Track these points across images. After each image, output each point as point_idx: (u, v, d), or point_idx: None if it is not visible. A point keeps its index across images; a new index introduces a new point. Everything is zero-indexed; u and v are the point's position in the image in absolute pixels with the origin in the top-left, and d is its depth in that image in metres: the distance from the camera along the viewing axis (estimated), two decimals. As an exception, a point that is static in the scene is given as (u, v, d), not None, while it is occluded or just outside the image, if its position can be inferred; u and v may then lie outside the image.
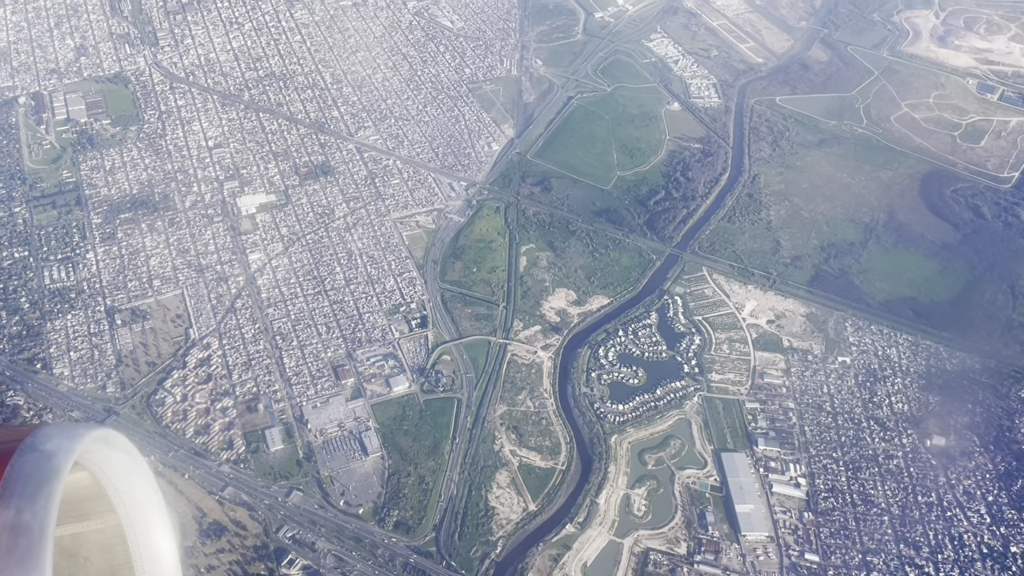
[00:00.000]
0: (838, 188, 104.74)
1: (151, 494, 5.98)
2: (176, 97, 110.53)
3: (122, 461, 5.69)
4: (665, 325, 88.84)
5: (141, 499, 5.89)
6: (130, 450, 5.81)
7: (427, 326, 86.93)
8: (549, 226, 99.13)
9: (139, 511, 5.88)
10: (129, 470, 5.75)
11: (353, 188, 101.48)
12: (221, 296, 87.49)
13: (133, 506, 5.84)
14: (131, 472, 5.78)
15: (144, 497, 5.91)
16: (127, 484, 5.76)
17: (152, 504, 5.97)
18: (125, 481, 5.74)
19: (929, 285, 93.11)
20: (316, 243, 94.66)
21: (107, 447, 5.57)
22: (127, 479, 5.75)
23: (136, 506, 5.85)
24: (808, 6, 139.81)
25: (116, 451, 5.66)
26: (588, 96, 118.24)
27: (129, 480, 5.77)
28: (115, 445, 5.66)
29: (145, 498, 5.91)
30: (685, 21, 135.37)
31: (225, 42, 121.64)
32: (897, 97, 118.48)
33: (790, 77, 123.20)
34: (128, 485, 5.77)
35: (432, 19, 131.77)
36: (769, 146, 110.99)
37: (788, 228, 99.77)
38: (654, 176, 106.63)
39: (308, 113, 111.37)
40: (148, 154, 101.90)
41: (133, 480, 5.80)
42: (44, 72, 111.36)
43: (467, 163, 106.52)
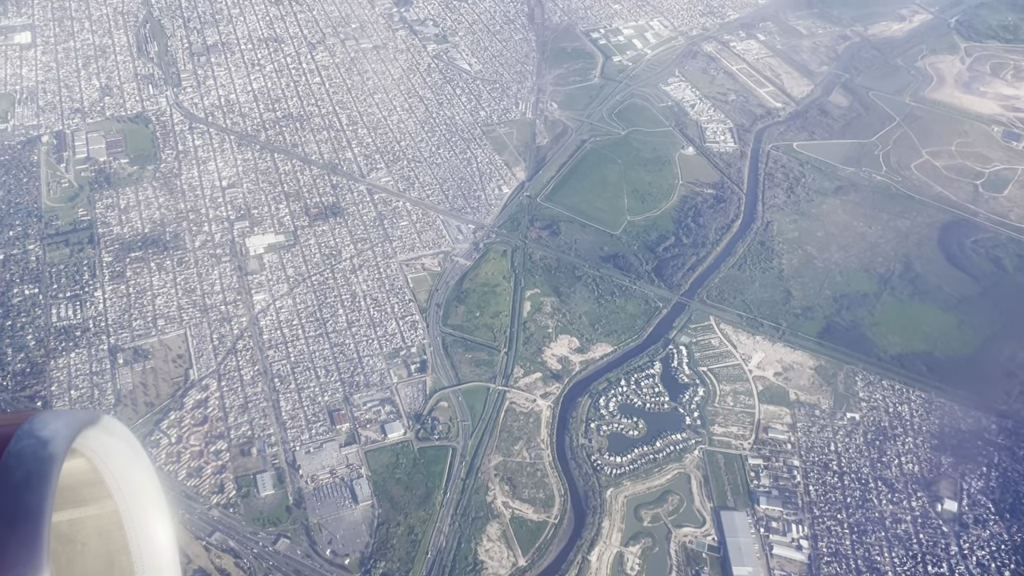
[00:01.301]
0: (853, 237, 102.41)
1: (148, 481, 6.00)
2: (194, 137, 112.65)
3: (119, 447, 5.69)
4: (669, 375, 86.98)
5: (138, 485, 5.91)
6: (127, 437, 5.80)
7: (426, 371, 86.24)
8: (555, 271, 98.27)
9: (136, 497, 5.90)
10: (126, 456, 5.75)
11: (362, 229, 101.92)
12: (223, 337, 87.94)
13: (130, 492, 5.86)
14: (128, 458, 5.78)
15: (141, 483, 5.92)
16: (124, 470, 5.77)
17: (149, 491, 5.99)
18: (122, 467, 5.75)
19: (945, 339, 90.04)
20: (321, 284, 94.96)
21: (104, 433, 5.51)
22: (124, 465, 5.76)
23: (133, 492, 5.87)
24: (830, 51, 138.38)
25: (113, 438, 5.63)
26: (602, 140, 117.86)
27: (126, 466, 5.77)
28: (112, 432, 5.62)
29: (142, 484, 5.93)
30: (704, 65, 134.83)
31: (246, 83, 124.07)
32: (918, 144, 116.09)
33: (808, 122, 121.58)
34: (125, 471, 5.78)
35: (450, 62, 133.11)
36: (784, 192, 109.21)
37: (800, 278, 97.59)
38: (664, 222, 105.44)
39: (322, 154, 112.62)
40: (162, 193, 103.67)
41: (130, 466, 5.81)
42: (69, 111, 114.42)
43: (476, 206, 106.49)
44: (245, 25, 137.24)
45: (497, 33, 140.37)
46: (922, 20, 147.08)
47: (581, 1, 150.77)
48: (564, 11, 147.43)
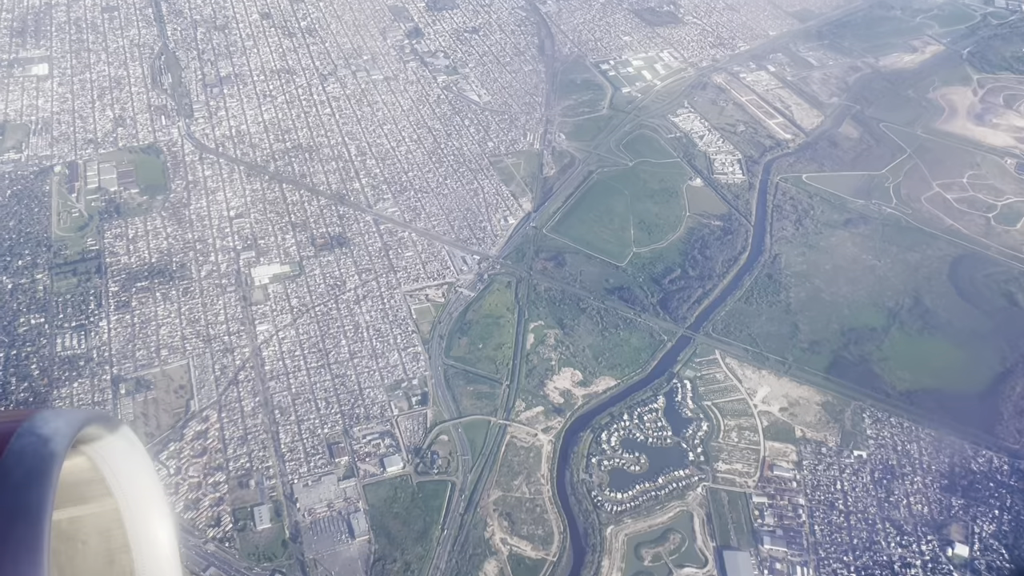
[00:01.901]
0: (862, 270, 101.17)
1: (148, 479, 6.05)
2: (204, 167, 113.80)
3: (120, 446, 5.75)
4: (672, 410, 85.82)
5: (139, 483, 5.95)
6: (128, 435, 5.86)
7: (427, 404, 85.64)
8: (560, 303, 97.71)
9: (137, 495, 5.94)
10: (127, 455, 5.81)
11: (367, 260, 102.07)
12: (225, 367, 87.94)
13: (131, 490, 5.89)
14: (129, 457, 5.84)
15: (142, 482, 5.97)
16: (125, 468, 5.82)
17: (150, 489, 6.04)
18: (123, 465, 5.80)
19: (955, 376, 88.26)
20: (325, 315, 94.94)
21: (105, 431, 5.59)
22: (125, 464, 5.81)
23: (134, 490, 5.91)
24: (841, 82, 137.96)
25: (114, 436, 5.69)
26: (609, 171, 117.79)
27: (127, 465, 5.83)
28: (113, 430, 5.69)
29: (143, 483, 5.98)
30: (713, 96, 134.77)
31: (257, 114, 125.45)
32: (929, 176, 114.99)
33: (818, 154, 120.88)
34: (126, 469, 5.83)
35: (460, 93, 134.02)
36: (792, 225, 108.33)
37: (807, 311, 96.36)
38: (671, 253, 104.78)
39: (330, 184, 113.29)
40: (171, 223, 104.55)
41: (131, 465, 5.86)
42: (82, 142, 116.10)
43: (482, 236, 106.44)
44: (258, 57, 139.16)
45: (507, 65, 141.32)
46: (934, 51, 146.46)
47: (591, 33, 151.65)
48: (574, 43, 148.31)
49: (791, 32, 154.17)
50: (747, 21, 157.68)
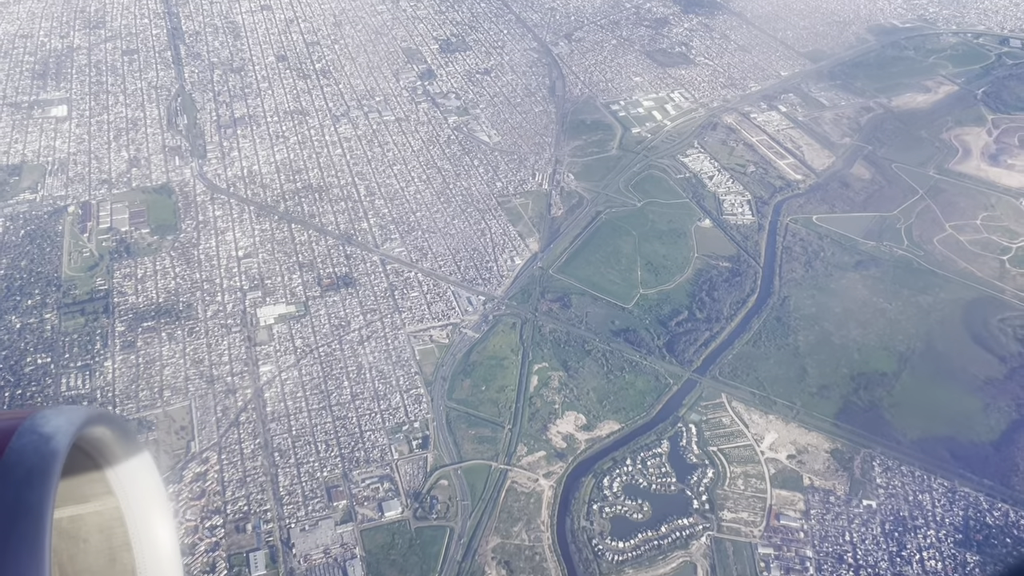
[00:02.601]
0: (873, 313, 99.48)
1: (149, 477, 6.03)
2: (215, 207, 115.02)
3: (121, 444, 5.72)
4: (677, 455, 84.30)
5: (139, 482, 5.94)
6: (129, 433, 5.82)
7: (428, 447, 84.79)
8: (565, 344, 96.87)
9: (138, 494, 5.93)
10: (128, 453, 5.80)
11: (372, 300, 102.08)
12: (227, 409, 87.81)
13: (132, 488, 5.89)
14: (130, 455, 5.83)
15: (142, 480, 5.96)
16: (126, 467, 5.82)
17: (151, 487, 6.03)
18: (124, 464, 5.80)
19: (969, 424, 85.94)
20: (328, 356, 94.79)
21: (106, 429, 5.55)
22: (126, 462, 5.81)
23: (135, 489, 5.91)
24: (853, 123, 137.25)
25: (115, 434, 5.66)
26: (617, 211, 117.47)
27: (128, 463, 5.82)
28: (114, 428, 5.65)
29: (143, 481, 5.96)
30: (724, 137, 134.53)
31: (270, 155, 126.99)
32: (942, 218, 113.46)
33: (829, 195, 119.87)
34: (127, 468, 5.83)
35: (470, 133, 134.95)
36: (802, 266, 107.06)
37: (816, 355, 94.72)
38: (678, 295, 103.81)
39: (338, 224, 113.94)
40: (179, 263, 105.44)
41: (131, 463, 5.86)
42: (96, 182, 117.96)
43: (488, 277, 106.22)
44: (273, 98, 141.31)
45: (518, 105, 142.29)
46: (948, 91, 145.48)
47: (603, 74, 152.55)
48: (585, 84, 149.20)
49: (803, 72, 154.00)
50: (759, 62, 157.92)
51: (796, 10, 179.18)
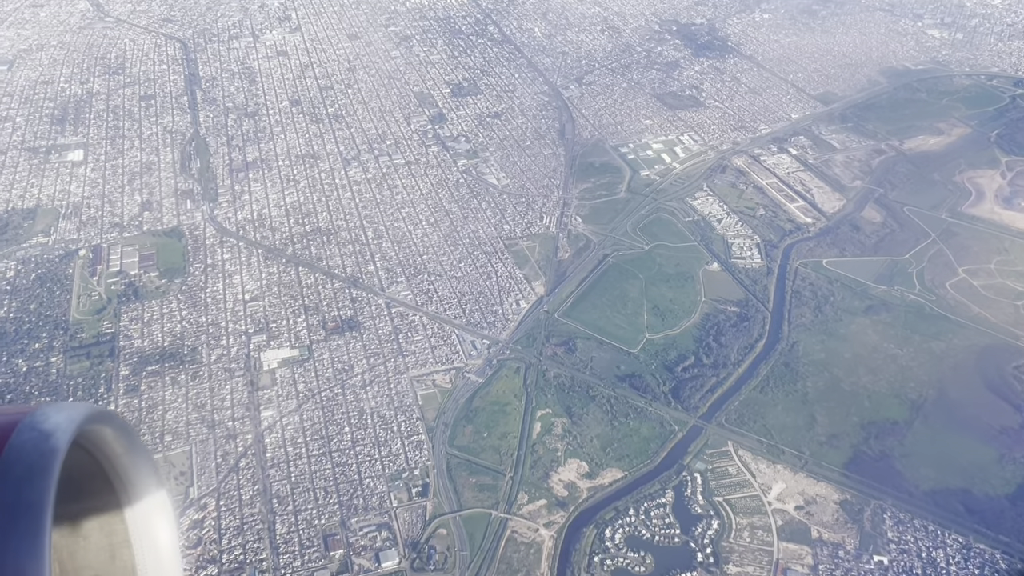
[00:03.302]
0: (884, 359, 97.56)
1: (149, 474, 6.04)
2: (223, 251, 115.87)
3: (120, 440, 5.72)
4: (681, 505, 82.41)
5: (139, 478, 5.94)
6: (128, 430, 5.84)
7: (428, 495, 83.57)
8: (569, 390, 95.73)
9: (137, 490, 5.94)
10: (127, 449, 5.80)
11: (376, 344, 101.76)
12: (227, 454, 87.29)
13: (131, 485, 5.90)
14: (129, 451, 5.82)
15: (142, 477, 5.96)
16: (125, 463, 5.82)
17: (150, 484, 6.03)
18: (123, 460, 5.80)
19: (984, 476, 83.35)
20: (330, 400, 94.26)
21: (105, 426, 5.55)
22: (125, 458, 5.80)
23: (134, 485, 5.92)
24: (864, 165, 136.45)
25: (114, 430, 5.66)
26: (624, 254, 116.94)
27: (127, 459, 5.82)
28: (113, 424, 5.65)
29: (143, 478, 5.97)
30: (733, 179, 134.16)
31: (280, 198, 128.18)
32: (955, 262, 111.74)
33: (839, 238, 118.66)
34: (126, 464, 5.83)
35: (479, 176, 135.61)
36: (811, 311, 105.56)
37: (826, 402, 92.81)
38: (685, 340, 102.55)
39: (345, 268, 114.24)
40: (186, 306, 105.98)
41: (131, 459, 5.86)
42: (108, 225, 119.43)
43: (493, 320, 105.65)
44: (285, 142, 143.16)
45: (527, 148, 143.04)
46: (960, 134, 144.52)
47: (612, 117, 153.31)
48: (595, 126, 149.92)
49: (814, 115, 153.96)
50: (769, 104, 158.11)
51: (807, 53, 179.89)
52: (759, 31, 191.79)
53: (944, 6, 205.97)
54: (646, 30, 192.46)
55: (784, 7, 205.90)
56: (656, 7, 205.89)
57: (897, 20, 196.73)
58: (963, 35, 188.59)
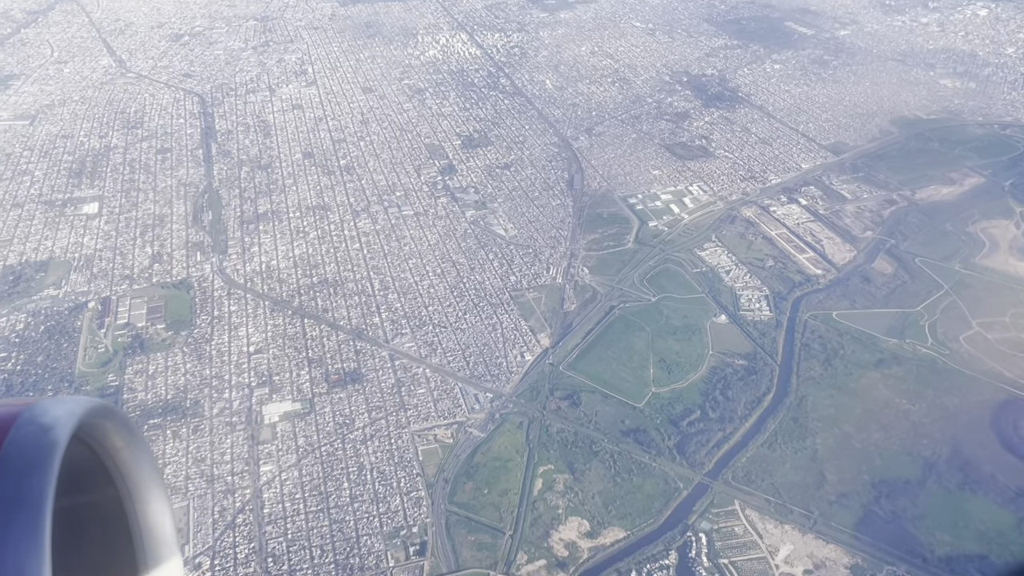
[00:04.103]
0: (895, 415, 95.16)
1: (148, 468, 6.00)
2: (230, 303, 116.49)
3: (120, 435, 5.67)
4: (685, 567, 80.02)
5: (139, 473, 5.90)
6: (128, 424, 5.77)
7: (425, 554, 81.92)
8: (572, 445, 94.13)
9: (137, 484, 5.90)
10: (127, 444, 5.75)
11: (378, 397, 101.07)
12: (224, 510, 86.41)
13: (131, 479, 5.86)
14: (129, 446, 5.77)
15: (142, 471, 5.92)
16: (125, 457, 5.77)
17: (150, 478, 6.00)
18: (123, 454, 5.76)
19: (1002, 540, 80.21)
20: (330, 455, 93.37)
21: (105, 420, 5.49)
22: (125, 452, 5.76)
23: (134, 479, 5.87)
24: (875, 216, 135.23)
25: (114, 424, 5.60)
26: (631, 306, 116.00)
27: (127, 454, 5.78)
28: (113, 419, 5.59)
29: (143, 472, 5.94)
30: (742, 230, 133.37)
31: (289, 250, 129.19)
32: (968, 314, 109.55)
33: (850, 290, 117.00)
34: (126, 458, 5.78)
35: (487, 227, 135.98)
36: (821, 365, 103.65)
37: (835, 459, 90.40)
38: (691, 394, 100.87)
39: (350, 319, 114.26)
40: (191, 359, 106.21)
41: (131, 454, 5.81)
42: (119, 278, 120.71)
43: (497, 373, 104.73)
44: (296, 194, 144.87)
45: (535, 199, 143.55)
46: (973, 183, 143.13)
47: (621, 167, 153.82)
48: (604, 177, 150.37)
49: (824, 165, 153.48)
50: (779, 154, 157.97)
51: (818, 103, 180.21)
52: (770, 81, 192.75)
53: (957, 56, 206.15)
54: (657, 81, 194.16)
55: (795, 58, 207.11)
56: (667, 59, 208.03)
57: (909, 70, 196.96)
58: (976, 84, 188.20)
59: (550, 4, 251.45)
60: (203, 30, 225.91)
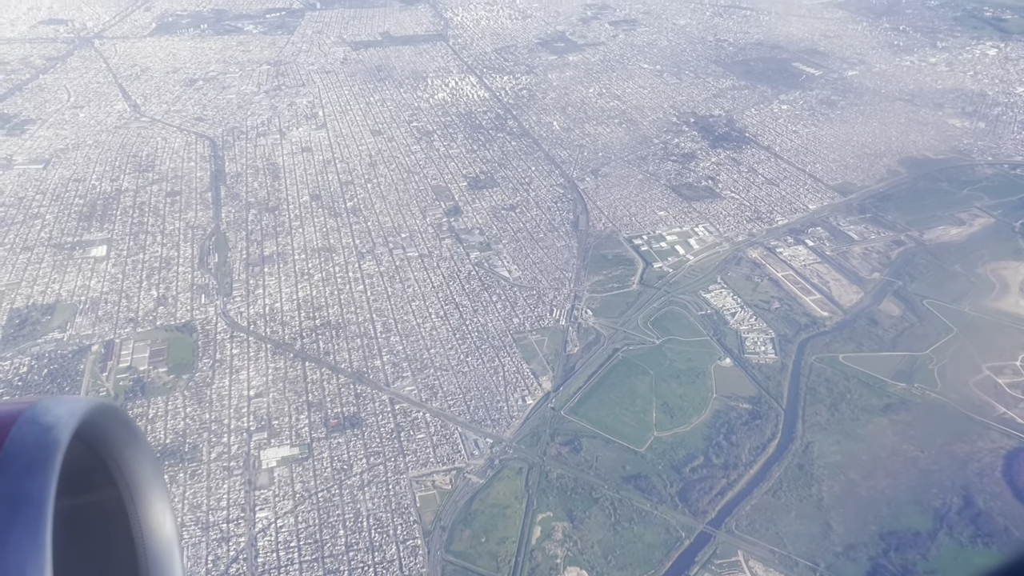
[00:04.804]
0: (904, 463, 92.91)
1: (150, 468, 6.00)
2: (233, 346, 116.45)
3: (121, 434, 5.68)
4: (687, 622, 77.83)
5: (140, 472, 5.90)
6: (129, 424, 5.78)
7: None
8: (572, 492, 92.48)
9: (138, 484, 5.90)
10: (128, 443, 5.76)
11: (377, 442, 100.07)
12: (219, 559, 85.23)
13: (132, 479, 5.85)
14: (130, 445, 5.78)
15: (143, 470, 5.93)
16: (126, 457, 5.78)
17: (151, 478, 6.00)
18: (124, 454, 5.76)
19: (1014, 593, 77.42)
20: (327, 501, 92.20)
21: (107, 420, 5.46)
22: (126, 452, 5.76)
23: (135, 479, 5.87)
24: (883, 257, 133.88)
25: (115, 424, 5.60)
26: (635, 349, 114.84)
27: (128, 453, 5.78)
28: (114, 418, 5.57)
29: (144, 471, 5.94)
30: (748, 272, 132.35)
31: (293, 292, 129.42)
32: (978, 358, 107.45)
33: (856, 333, 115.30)
34: (127, 458, 5.78)
35: (491, 269, 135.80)
36: (827, 409, 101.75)
37: (842, 508, 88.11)
38: (694, 439, 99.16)
39: (352, 362, 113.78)
40: (191, 403, 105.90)
41: (132, 453, 5.82)
42: (123, 321, 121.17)
43: (497, 418, 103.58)
44: (303, 236, 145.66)
45: (540, 240, 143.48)
46: (983, 224, 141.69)
47: (627, 208, 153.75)
48: (609, 218, 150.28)
49: (832, 205, 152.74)
50: (787, 195, 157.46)
51: (826, 143, 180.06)
52: (777, 122, 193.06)
53: (966, 95, 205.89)
54: (664, 122, 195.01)
55: (803, 98, 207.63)
56: (675, 100, 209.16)
57: (918, 110, 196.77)
58: (985, 124, 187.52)
59: (559, 47, 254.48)
60: (217, 75, 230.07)
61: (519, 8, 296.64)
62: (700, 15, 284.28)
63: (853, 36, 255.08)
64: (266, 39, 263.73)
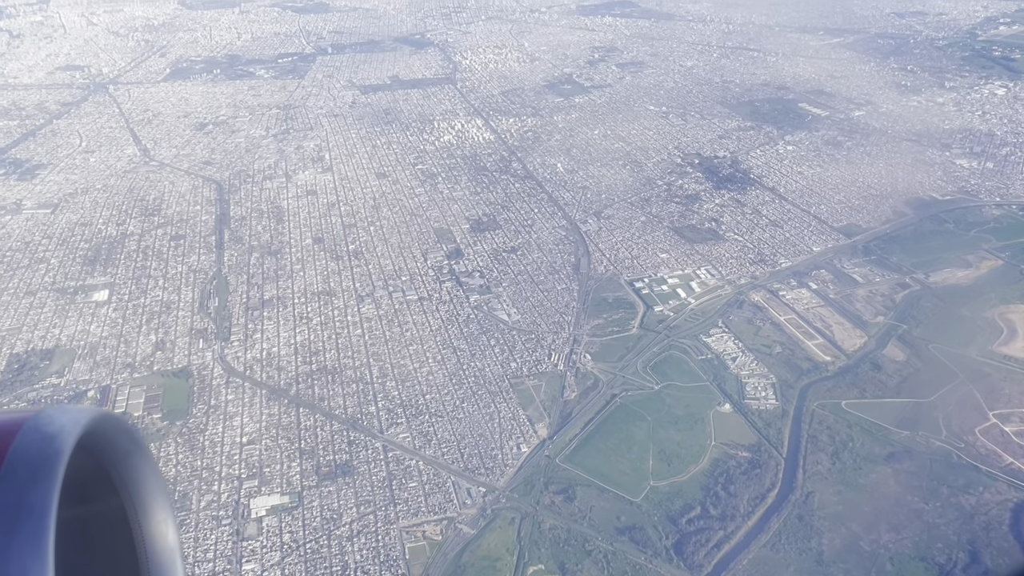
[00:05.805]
0: (907, 514, 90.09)
1: (152, 477, 5.95)
2: (228, 391, 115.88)
3: (124, 444, 5.64)
4: None
5: (143, 481, 5.86)
6: (132, 433, 5.76)
7: (405, 663, 78.08)
8: (564, 543, 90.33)
9: (141, 493, 5.85)
10: (131, 452, 5.73)
11: (368, 491, 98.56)
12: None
13: (135, 488, 5.82)
14: (133, 454, 5.75)
15: (146, 481, 5.88)
16: (129, 466, 5.74)
17: (154, 486, 5.95)
18: (127, 463, 5.72)
19: (1022, 656, 74.23)
20: (314, 553, 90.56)
21: (109, 429, 5.40)
22: (129, 461, 5.72)
23: (138, 488, 5.83)
24: (887, 300, 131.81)
25: (118, 433, 5.56)
26: (633, 394, 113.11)
27: (131, 462, 5.74)
28: (117, 427, 5.53)
29: (147, 480, 5.89)
30: (750, 315, 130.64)
31: (291, 336, 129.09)
32: (985, 405, 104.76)
33: (859, 378, 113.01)
34: (130, 467, 5.74)
35: (490, 312, 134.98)
36: (828, 458, 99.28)
37: (843, 563, 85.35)
38: (691, 488, 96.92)
39: (346, 408, 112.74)
40: (183, 449, 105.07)
41: (135, 462, 5.78)
42: (120, 366, 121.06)
43: (491, 466, 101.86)
44: (304, 279, 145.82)
45: (540, 283, 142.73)
46: (990, 266, 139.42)
47: (629, 250, 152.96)
48: (610, 260, 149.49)
49: (836, 248, 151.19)
50: (790, 237, 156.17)
51: (831, 184, 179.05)
52: (782, 163, 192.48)
53: (973, 135, 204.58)
54: (668, 163, 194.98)
55: (809, 139, 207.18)
56: (679, 141, 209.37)
57: (924, 150, 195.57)
58: (993, 164, 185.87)
59: (566, 89, 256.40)
60: (227, 119, 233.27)
61: (527, 51, 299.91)
62: (707, 56, 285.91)
63: (860, 76, 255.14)
64: (277, 83, 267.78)
